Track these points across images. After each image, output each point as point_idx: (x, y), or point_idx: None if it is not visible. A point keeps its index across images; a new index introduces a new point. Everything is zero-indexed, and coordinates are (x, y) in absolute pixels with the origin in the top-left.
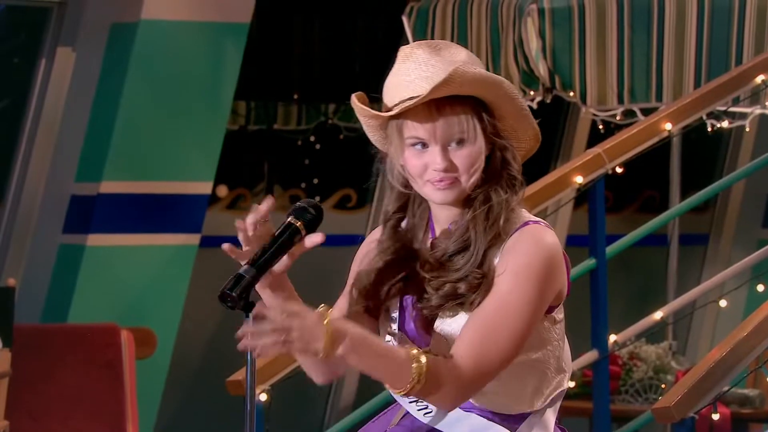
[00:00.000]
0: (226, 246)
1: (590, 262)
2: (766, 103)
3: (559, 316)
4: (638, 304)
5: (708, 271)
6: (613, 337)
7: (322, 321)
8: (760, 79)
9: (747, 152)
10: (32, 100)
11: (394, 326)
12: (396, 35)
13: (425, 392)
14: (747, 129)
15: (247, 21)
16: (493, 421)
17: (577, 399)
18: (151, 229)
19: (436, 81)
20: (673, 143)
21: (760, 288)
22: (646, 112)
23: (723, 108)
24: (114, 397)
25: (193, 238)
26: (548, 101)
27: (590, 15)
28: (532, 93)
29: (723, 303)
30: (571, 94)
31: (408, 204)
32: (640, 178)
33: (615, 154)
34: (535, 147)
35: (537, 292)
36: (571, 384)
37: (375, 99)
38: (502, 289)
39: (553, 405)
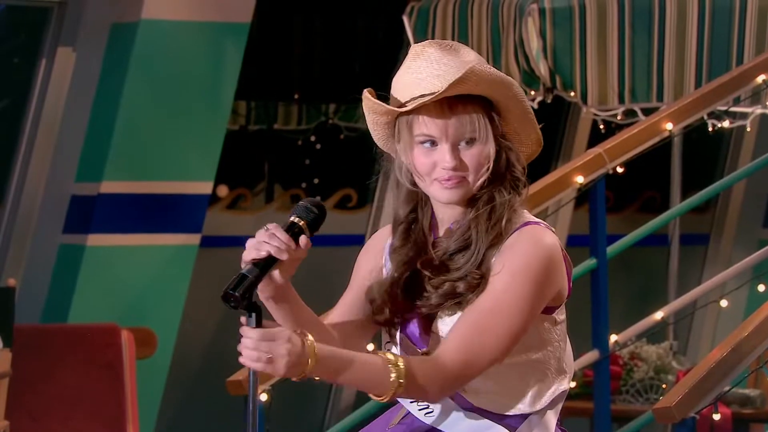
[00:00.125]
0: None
1: (591, 262)
2: (767, 103)
3: (560, 317)
4: (639, 304)
5: (709, 271)
6: (613, 337)
7: (293, 346)
8: (761, 78)
9: (748, 152)
10: (32, 100)
11: (395, 330)
12: (396, 35)
13: (409, 394)
14: (748, 129)
15: (247, 21)
16: (492, 420)
17: (578, 399)
18: (151, 229)
19: (448, 79)
20: (673, 143)
21: (761, 288)
22: (647, 111)
23: (724, 108)
24: (114, 398)
25: (194, 238)
26: (549, 101)
27: (591, 15)
28: (533, 93)
29: (724, 303)
30: (572, 93)
31: (417, 206)
32: (641, 178)
33: (616, 154)
34: (537, 152)
35: (533, 292)
36: (572, 384)
37: (380, 97)
38: (497, 288)
39: (554, 406)
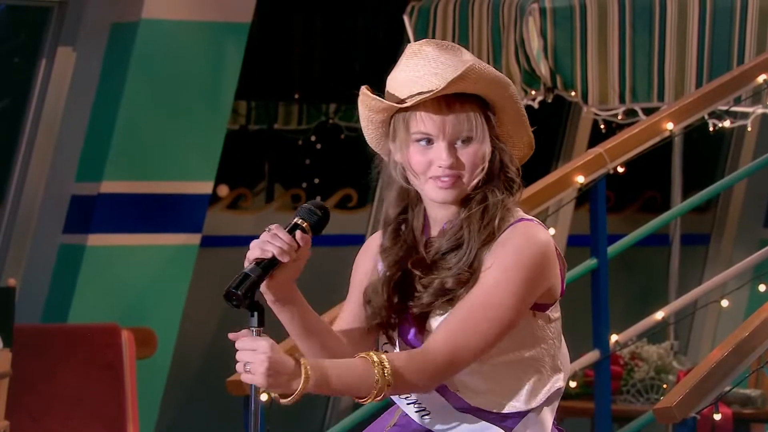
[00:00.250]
0: None
1: (591, 262)
2: None
3: (554, 315)
4: (639, 304)
5: (709, 271)
6: (614, 337)
7: (273, 359)
8: (761, 78)
9: (749, 152)
10: (32, 99)
11: (393, 331)
12: (397, 35)
13: (398, 391)
14: (749, 129)
15: (247, 20)
16: (489, 421)
17: (579, 399)
18: (151, 229)
19: (446, 77)
20: (674, 143)
21: (762, 288)
22: (648, 111)
23: (725, 107)
24: (114, 398)
25: (194, 238)
26: (549, 101)
27: (592, 14)
28: (533, 92)
29: (724, 303)
30: (573, 93)
31: (408, 206)
32: (642, 178)
33: (616, 154)
34: (529, 154)
35: (523, 286)
36: (572, 384)
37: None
38: (488, 282)
39: (550, 404)
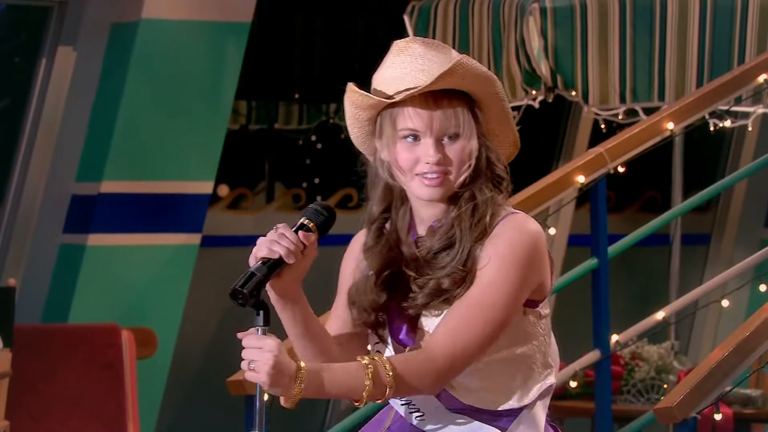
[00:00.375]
0: None
1: (592, 261)
2: None
3: (544, 311)
4: (640, 304)
5: (710, 271)
6: (615, 337)
7: (279, 359)
8: (762, 78)
9: (749, 152)
10: (33, 99)
11: (382, 330)
12: (397, 34)
13: (401, 394)
14: (749, 128)
15: (248, 20)
16: (482, 421)
17: (579, 399)
18: (151, 228)
19: (433, 74)
20: (675, 143)
21: (763, 288)
22: (649, 111)
23: (725, 107)
24: (115, 398)
25: (194, 238)
26: (550, 100)
27: (592, 14)
28: (534, 92)
29: (725, 303)
30: (573, 93)
31: (392, 205)
32: (642, 178)
33: (617, 154)
34: (514, 153)
35: (518, 279)
36: (573, 384)
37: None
38: (484, 280)
39: (542, 401)
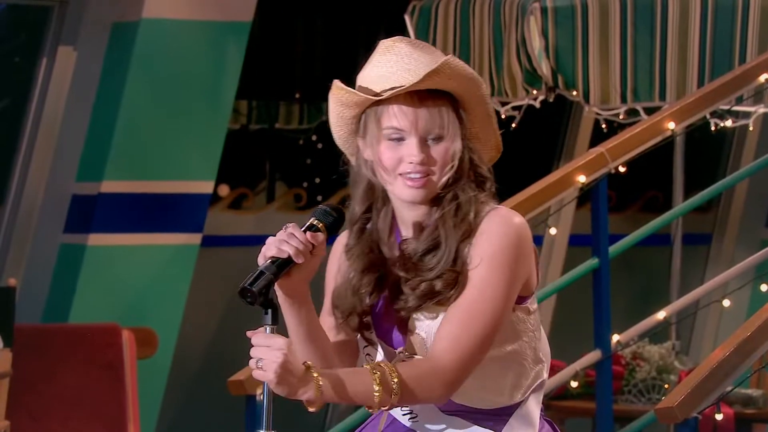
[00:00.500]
0: None
1: (593, 261)
2: None
3: (532, 307)
4: (641, 303)
5: (711, 271)
6: (616, 337)
7: (288, 358)
8: (763, 77)
9: (750, 151)
10: (33, 99)
11: (370, 333)
12: (398, 34)
13: (407, 401)
14: (750, 128)
15: (248, 20)
16: (476, 421)
17: (580, 399)
18: (152, 228)
19: (419, 74)
20: (676, 142)
21: (764, 288)
22: (650, 111)
23: (726, 107)
24: (115, 398)
25: (195, 238)
26: (551, 100)
27: (593, 14)
28: (535, 92)
29: (726, 303)
30: (574, 93)
31: (373, 205)
32: (643, 178)
33: (618, 154)
34: (496, 157)
35: (510, 275)
36: (574, 384)
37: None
38: (477, 282)
39: (535, 396)
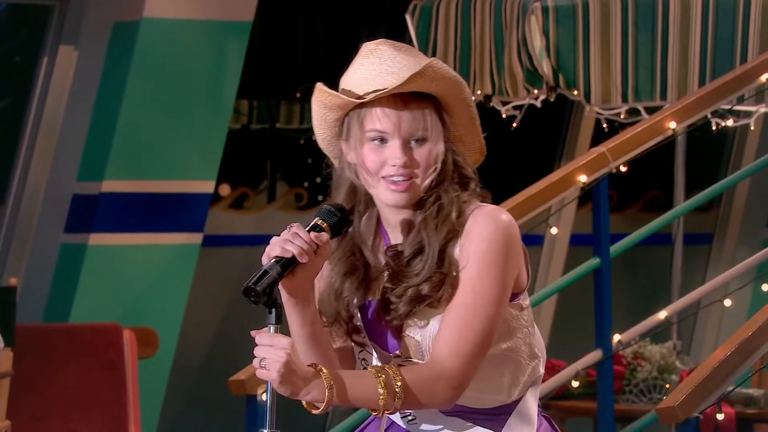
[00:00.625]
0: None
1: (594, 261)
2: None
3: (525, 303)
4: (642, 303)
5: (712, 271)
6: (617, 337)
7: (291, 358)
8: (765, 77)
9: (752, 151)
10: (34, 98)
11: (361, 336)
12: (399, 33)
13: (411, 405)
14: (752, 128)
15: (249, 19)
16: (475, 422)
17: (581, 399)
18: (153, 228)
19: (402, 76)
20: (677, 142)
21: (765, 287)
22: (651, 110)
23: (728, 106)
24: (116, 397)
25: (196, 237)
26: (552, 100)
27: (594, 13)
28: (536, 91)
29: (728, 302)
30: (575, 92)
31: (354, 208)
32: (644, 177)
33: (619, 153)
34: (480, 160)
35: (501, 272)
36: (575, 384)
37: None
38: (469, 282)
39: (532, 392)
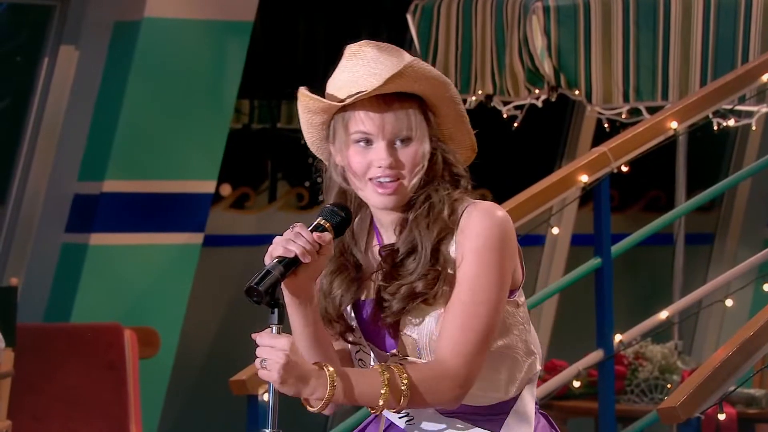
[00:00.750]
0: None
1: (595, 261)
2: None
3: (521, 300)
4: (644, 303)
5: (714, 271)
6: (618, 337)
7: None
8: (766, 77)
9: (753, 151)
10: (35, 98)
11: (356, 336)
12: (400, 33)
13: (417, 404)
14: (753, 128)
15: (250, 19)
16: (473, 422)
17: (583, 399)
18: (154, 228)
19: (384, 77)
20: (678, 142)
21: (766, 287)
22: (652, 110)
23: (729, 106)
24: (117, 397)
25: (197, 237)
26: (553, 99)
27: (596, 13)
28: (537, 91)
29: (729, 302)
30: (577, 92)
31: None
32: (646, 177)
33: (620, 153)
34: (471, 157)
35: (500, 268)
36: (576, 384)
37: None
38: (468, 278)
39: (529, 389)
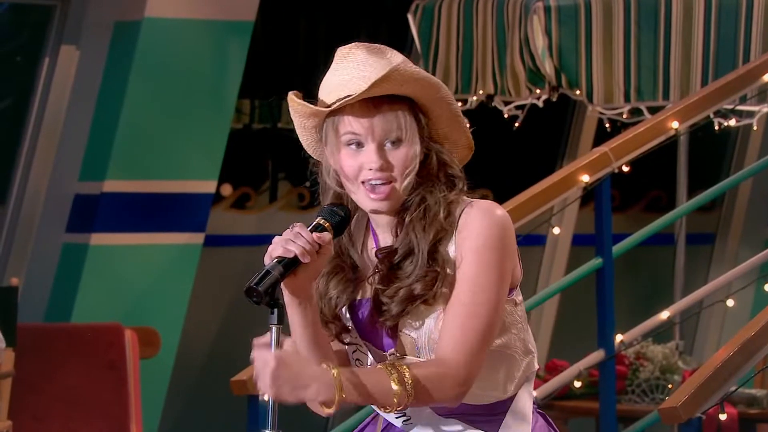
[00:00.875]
0: None
1: (596, 261)
2: None
3: (518, 299)
4: (645, 303)
5: (715, 271)
6: (619, 337)
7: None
8: (767, 77)
9: (754, 151)
10: (35, 98)
11: (353, 336)
12: (401, 33)
13: (422, 401)
14: (754, 127)
15: (251, 19)
16: (471, 423)
17: (584, 399)
18: (154, 228)
19: (373, 80)
20: (679, 142)
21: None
22: (653, 110)
23: (730, 106)
24: (117, 397)
25: (197, 237)
26: (554, 99)
27: (597, 13)
28: (538, 91)
29: (730, 302)
30: (578, 92)
31: None
32: (647, 177)
33: (621, 153)
34: (468, 156)
35: (500, 266)
36: (577, 384)
37: (314, 103)
38: (468, 279)
39: (527, 388)
